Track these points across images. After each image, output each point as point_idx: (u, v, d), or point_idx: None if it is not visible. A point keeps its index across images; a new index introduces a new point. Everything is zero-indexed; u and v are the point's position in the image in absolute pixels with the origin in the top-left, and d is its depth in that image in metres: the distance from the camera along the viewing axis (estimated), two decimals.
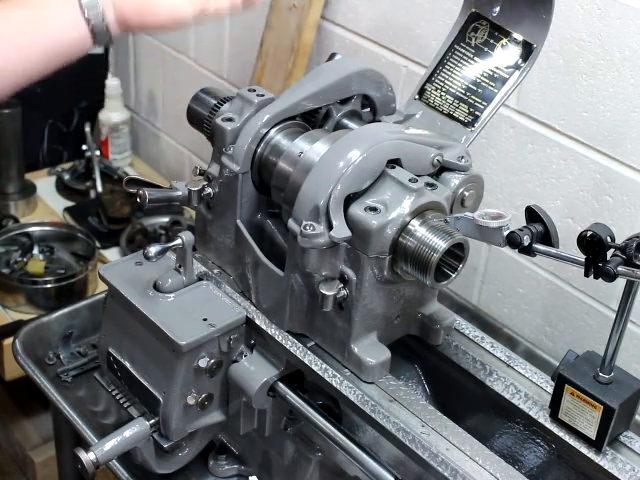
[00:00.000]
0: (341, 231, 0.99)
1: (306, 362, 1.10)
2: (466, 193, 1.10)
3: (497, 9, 1.14)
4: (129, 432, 1.13)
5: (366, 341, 1.08)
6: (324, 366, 1.09)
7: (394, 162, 1.05)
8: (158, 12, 1.05)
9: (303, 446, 1.20)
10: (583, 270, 0.94)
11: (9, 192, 2.19)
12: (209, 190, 1.16)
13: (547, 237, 0.98)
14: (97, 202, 2.23)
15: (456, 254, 1.02)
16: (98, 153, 2.34)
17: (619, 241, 0.93)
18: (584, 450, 1.02)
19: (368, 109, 1.20)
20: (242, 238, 1.15)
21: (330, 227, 1.00)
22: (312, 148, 1.09)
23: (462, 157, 1.09)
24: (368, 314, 1.07)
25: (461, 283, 1.60)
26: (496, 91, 1.14)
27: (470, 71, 1.16)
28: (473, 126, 1.15)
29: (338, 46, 1.72)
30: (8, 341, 1.73)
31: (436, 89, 1.18)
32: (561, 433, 1.03)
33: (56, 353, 1.37)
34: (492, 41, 1.14)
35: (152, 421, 1.14)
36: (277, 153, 1.12)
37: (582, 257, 0.94)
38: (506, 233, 0.98)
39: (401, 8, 1.58)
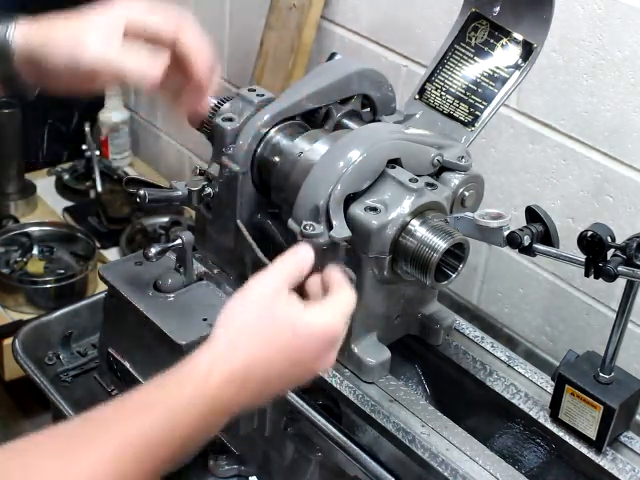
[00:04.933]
0: (341, 231, 0.99)
1: None
2: (466, 193, 1.10)
3: (497, 9, 1.14)
4: None
5: (366, 341, 1.08)
6: None
7: (394, 162, 1.05)
8: None
9: (303, 446, 1.20)
10: (583, 270, 0.94)
11: (9, 192, 2.20)
12: (209, 190, 1.16)
13: (547, 237, 0.98)
14: (97, 202, 2.23)
15: (456, 254, 1.02)
16: (98, 153, 2.34)
17: (619, 241, 0.93)
18: (584, 450, 1.02)
19: (368, 109, 1.20)
20: (242, 238, 1.15)
21: (330, 227, 1.00)
22: (312, 148, 1.09)
23: (462, 157, 1.09)
24: (368, 314, 1.07)
25: (461, 283, 1.60)
26: (496, 91, 1.14)
27: (470, 71, 1.16)
28: (473, 126, 1.15)
29: (338, 46, 1.72)
30: (8, 341, 1.73)
31: (436, 89, 1.18)
32: (561, 433, 1.03)
33: (56, 353, 1.37)
34: (492, 41, 1.14)
35: None
36: (277, 153, 1.12)
37: (582, 257, 0.94)
38: (506, 233, 0.98)
39: (401, 8, 1.58)
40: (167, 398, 0.76)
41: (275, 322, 0.79)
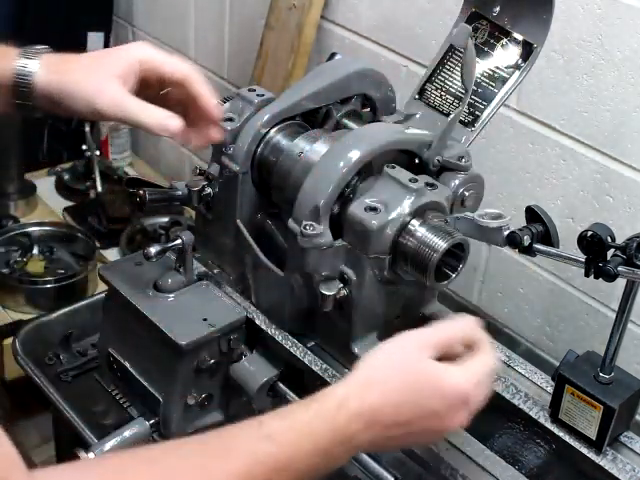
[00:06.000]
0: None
1: (306, 362, 1.10)
2: (466, 193, 1.10)
3: (497, 9, 1.14)
4: (129, 432, 1.13)
5: (366, 341, 1.08)
6: (324, 366, 1.09)
7: (394, 162, 1.05)
8: None
9: None
10: (583, 270, 0.94)
11: (9, 192, 2.19)
12: (209, 190, 1.16)
13: (547, 237, 0.98)
14: (97, 202, 2.23)
15: (456, 254, 1.02)
16: (98, 153, 2.34)
17: (619, 241, 0.93)
18: (584, 450, 1.01)
19: (368, 109, 1.20)
20: (242, 238, 1.15)
21: (331, 227, 1.00)
22: (312, 148, 1.09)
23: (462, 157, 1.09)
24: (368, 314, 1.07)
25: (461, 283, 1.60)
26: (496, 91, 1.14)
27: None
28: (473, 126, 1.15)
29: (338, 46, 1.72)
30: (8, 341, 1.73)
31: (436, 89, 1.18)
32: (561, 433, 1.03)
33: (56, 353, 1.37)
34: (492, 41, 1.14)
35: (152, 421, 1.13)
36: (277, 153, 1.12)
37: (582, 257, 0.94)
38: (506, 233, 0.98)
39: (401, 8, 1.58)
40: (295, 424, 0.81)
41: (412, 375, 0.84)
